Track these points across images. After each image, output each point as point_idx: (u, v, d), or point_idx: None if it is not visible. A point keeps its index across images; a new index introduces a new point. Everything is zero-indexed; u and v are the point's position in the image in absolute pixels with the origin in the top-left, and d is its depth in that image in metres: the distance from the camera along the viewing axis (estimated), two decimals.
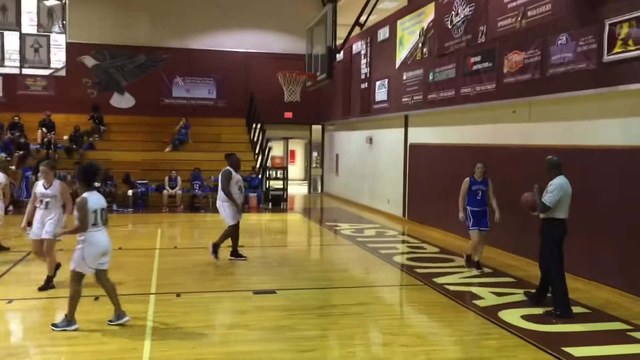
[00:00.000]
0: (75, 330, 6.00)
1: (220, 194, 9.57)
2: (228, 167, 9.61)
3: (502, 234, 10.39)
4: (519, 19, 9.68)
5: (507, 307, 7.12)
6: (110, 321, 6.23)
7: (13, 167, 15.88)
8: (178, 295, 7.46)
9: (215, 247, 9.39)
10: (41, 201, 7.70)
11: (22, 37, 19.98)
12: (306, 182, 24.95)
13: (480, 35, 10.89)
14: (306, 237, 13.44)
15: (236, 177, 9.60)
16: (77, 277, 6.14)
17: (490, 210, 8.99)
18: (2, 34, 19.84)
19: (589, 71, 8.08)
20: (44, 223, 7.63)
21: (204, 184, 17.20)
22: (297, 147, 29.49)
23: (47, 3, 20.11)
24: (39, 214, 7.69)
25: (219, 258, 9.34)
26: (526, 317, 6.66)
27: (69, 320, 6.08)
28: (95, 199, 6.08)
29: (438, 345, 5.88)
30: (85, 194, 6.04)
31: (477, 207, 8.96)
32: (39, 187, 7.73)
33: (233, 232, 9.55)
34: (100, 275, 6.30)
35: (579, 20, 8.33)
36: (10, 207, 9.88)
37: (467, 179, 9.04)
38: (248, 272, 8.93)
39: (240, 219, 9.63)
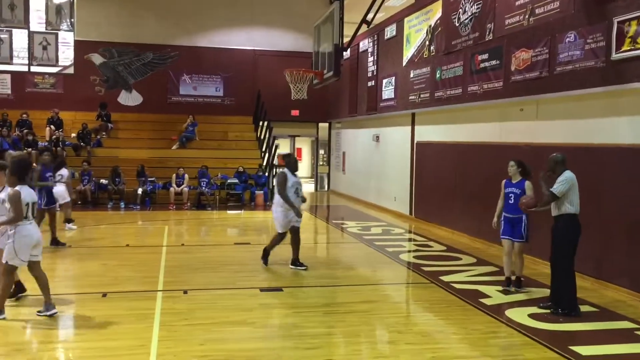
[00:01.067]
0: (3, 319, 6.20)
1: (276, 197, 9.00)
2: (284, 170, 8.97)
3: None
4: (527, 16, 9.64)
5: (514, 305, 7.12)
6: (39, 312, 6.40)
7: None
8: (185, 292, 7.49)
9: (266, 253, 9.11)
10: None
11: (31, 35, 20.10)
12: (313, 179, 24.96)
13: (487, 32, 10.86)
14: (312, 234, 13.43)
15: (293, 179, 8.87)
16: (10, 270, 6.29)
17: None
18: (11, 31, 19.97)
19: (597, 69, 8.04)
20: None
21: (211, 181, 17.24)
22: (304, 145, 29.51)
23: (56, 1, 20.21)
24: None
25: (267, 265, 9.06)
26: (533, 316, 6.64)
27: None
28: (27, 193, 6.26)
29: (444, 344, 5.88)
30: (17, 187, 6.19)
31: (510, 213, 7.94)
32: None
33: (280, 240, 9.11)
34: (34, 267, 6.46)
35: (587, 17, 8.29)
36: None
37: (504, 180, 8.18)
38: (255, 269, 8.95)
39: (298, 224, 9.06)
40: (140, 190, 16.50)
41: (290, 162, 9.02)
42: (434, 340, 5.99)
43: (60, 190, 11.38)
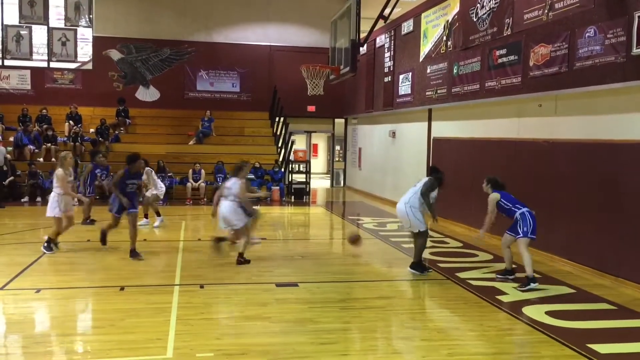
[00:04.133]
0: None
1: (411, 198, 8.59)
2: (435, 180, 8.64)
3: None
4: (546, 11, 9.53)
5: (531, 302, 7.06)
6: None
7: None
8: (201, 286, 7.54)
9: (419, 265, 8.74)
10: None
11: (50, 31, 20.36)
12: (329, 175, 24.96)
13: (506, 28, 10.76)
14: (328, 230, 13.45)
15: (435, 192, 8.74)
16: None
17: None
18: (31, 28, 20.23)
19: (618, 64, 7.93)
20: None
21: (227, 176, 17.27)
22: (320, 141, 29.50)
23: None
24: None
25: (428, 273, 8.75)
26: (550, 313, 6.59)
27: None
28: None
29: (460, 340, 5.85)
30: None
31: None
32: None
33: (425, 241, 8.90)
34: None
35: (607, 12, 8.18)
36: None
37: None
38: (270, 264, 8.98)
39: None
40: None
41: (443, 178, 8.88)
42: (450, 336, 5.96)
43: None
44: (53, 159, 17.44)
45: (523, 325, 6.25)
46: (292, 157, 19.58)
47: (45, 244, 9.42)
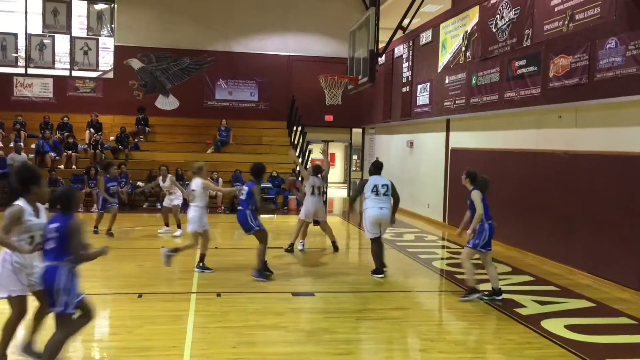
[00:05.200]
0: None
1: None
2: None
3: (544, 242, 10.21)
4: (566, 22, 9.48)
5: (551, 316, 6.97)
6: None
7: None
8: (218, 295, 7.56)
9: (376, 270, 8.85)
10: None
11: (72, 40, 20.69)
12: (346, 185, 24.94)
13: (525, 38, 10.71)
14: (345, 240, 13.41)
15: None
16: None
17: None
18: (54, 37, 20.59)
19: (639, 76, 7.85)
20: None
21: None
22: (337, 150, 29.52)
23: (97, 7, 20.76)
24: None
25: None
26: (570, 327, 6.51)
27: None
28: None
29: (477, 353, 5.80)
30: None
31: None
32: None
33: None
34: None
35: (628, 23, 8.11)
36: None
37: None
38: (287, 274, 8.98)
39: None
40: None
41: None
42: (468, 349, 5.91)
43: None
44: (74, 166, 17.67)
45: (542, 339, 6.18)
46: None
47: (200, 264, 8.93)
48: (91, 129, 19.02)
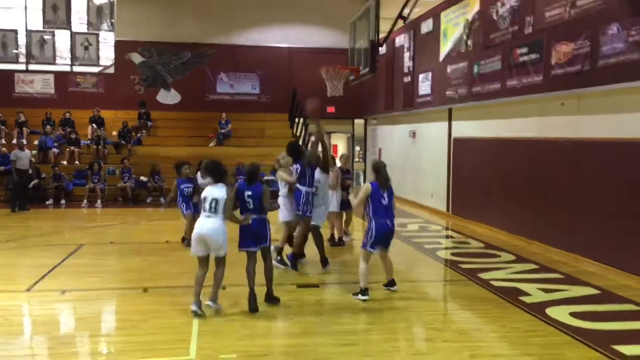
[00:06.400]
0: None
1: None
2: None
3: (549, 230, 10.20)
4: (568, 8, 9.42)
5: (555, 304, 6.97)
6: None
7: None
8: (224, 287, 7.56)
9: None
10: None
11: (73, 36, 20.64)
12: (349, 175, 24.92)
13: (527, 26, 10.65)
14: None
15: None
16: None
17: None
18: (54, 32, 20.54)
19: None
20: None
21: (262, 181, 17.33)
22: (340, 142, 29.47)
23: (97, 2, 20.70)
24: None
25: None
26: (575, 314, 6.51)
27: None
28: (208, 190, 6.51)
29: (482, 342, 5.81)
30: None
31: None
32: None
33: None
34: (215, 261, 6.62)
35: (630, 9, 8.05)
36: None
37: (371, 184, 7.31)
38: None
39: None
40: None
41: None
42: (473, 338, 5.92)
43: None
44: (77, 162, 17.70)
45: (547, 327, 6.18)
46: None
47: (285, 257, 8.70)
48: (93, 125, 19.04)
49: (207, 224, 6.37)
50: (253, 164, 7.03)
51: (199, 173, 8.96)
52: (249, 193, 6.71)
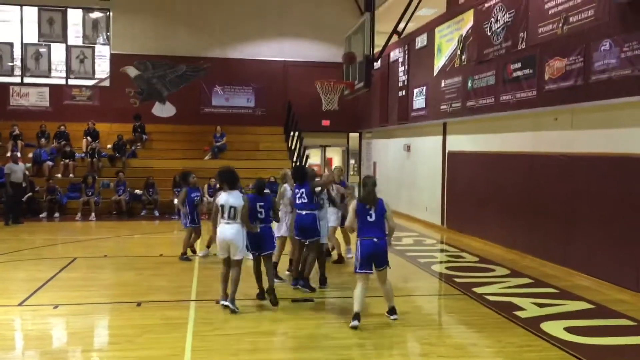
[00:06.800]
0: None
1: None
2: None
3: (543, 244, 10.22)
4: (561, 24, 9.52)
5: (550, 318, 6.98)
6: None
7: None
8: (217, 302, 7.55)
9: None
10: None
11: (68, 49, 20.69)
12: None
13: (520, 41, 10.75)
14: (343, 245, 13.39)
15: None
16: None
17: None
18: (49, 45, 20.59)
19: (634, 77, 7.88)
20: None
21: (242, 191, 17.33)
22: (335, 155, 29.52)
23: (92, 15, 20.78)
24: None
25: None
26: (570, 329, 6.51)
27: None
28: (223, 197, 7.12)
29: (477, 357, 5.80)
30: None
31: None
32: None
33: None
34: (231, 264, 7.14)
35: (623, 25, 8.15)
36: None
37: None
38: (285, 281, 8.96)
39: None
40: (176, 201, 16.70)
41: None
42: (468, 353, 5.91)
43: None
44: (71, 175, 17.65)
45: (541, 342, 6.18)
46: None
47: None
48: (88, 137, 19.00)
49: (229, 230, 7.06)
50: (260, 178, 7.94)
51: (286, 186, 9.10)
52: (261, 203, 7.51)
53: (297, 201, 8.22)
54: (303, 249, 8.36)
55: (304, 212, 8.17)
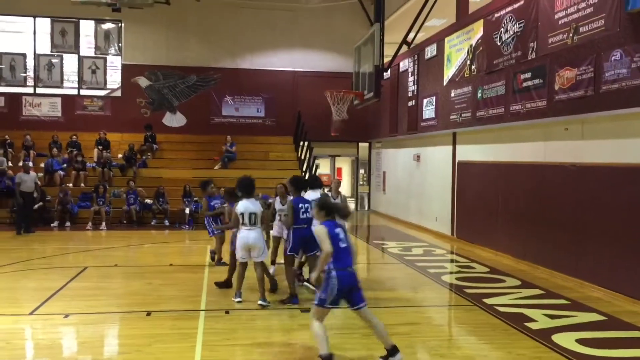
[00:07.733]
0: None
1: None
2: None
3: (554, 255, 10.15)
4: (571, 35, 9.51)
5: (562, 330, 6.92)
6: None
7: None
8: (227, 312, 7.56)
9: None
10: None
11: (81, 60, 20.92)
12: (353, 199, 24.92)
13: (530, 51, 10.74)
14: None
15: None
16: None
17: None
18: (62, 56, 20.82)
19: None
20: None
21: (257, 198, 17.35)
22: (344, 165, 29.53)
23: (104, 26, 21.00)
24: None
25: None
26: (581, 341, 6.45)
27: None
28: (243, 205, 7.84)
29: None
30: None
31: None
32: None
33: None
34: (255, 266, 7.89)
35: (633, 35, 8.12)
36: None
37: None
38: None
39: None
40: (187, 211, 16.78)
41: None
42: None
43: None
44: (82, 184, 17.77)
45: (553, 354, 6.12)
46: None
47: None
48: (99, 147, 19.14)
49: (251, 235, 7.78)
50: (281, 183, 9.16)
51: (277, 198, 9.28)
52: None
53: (302, 216, 8.11)
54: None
55: (305, 226, 8.16)
